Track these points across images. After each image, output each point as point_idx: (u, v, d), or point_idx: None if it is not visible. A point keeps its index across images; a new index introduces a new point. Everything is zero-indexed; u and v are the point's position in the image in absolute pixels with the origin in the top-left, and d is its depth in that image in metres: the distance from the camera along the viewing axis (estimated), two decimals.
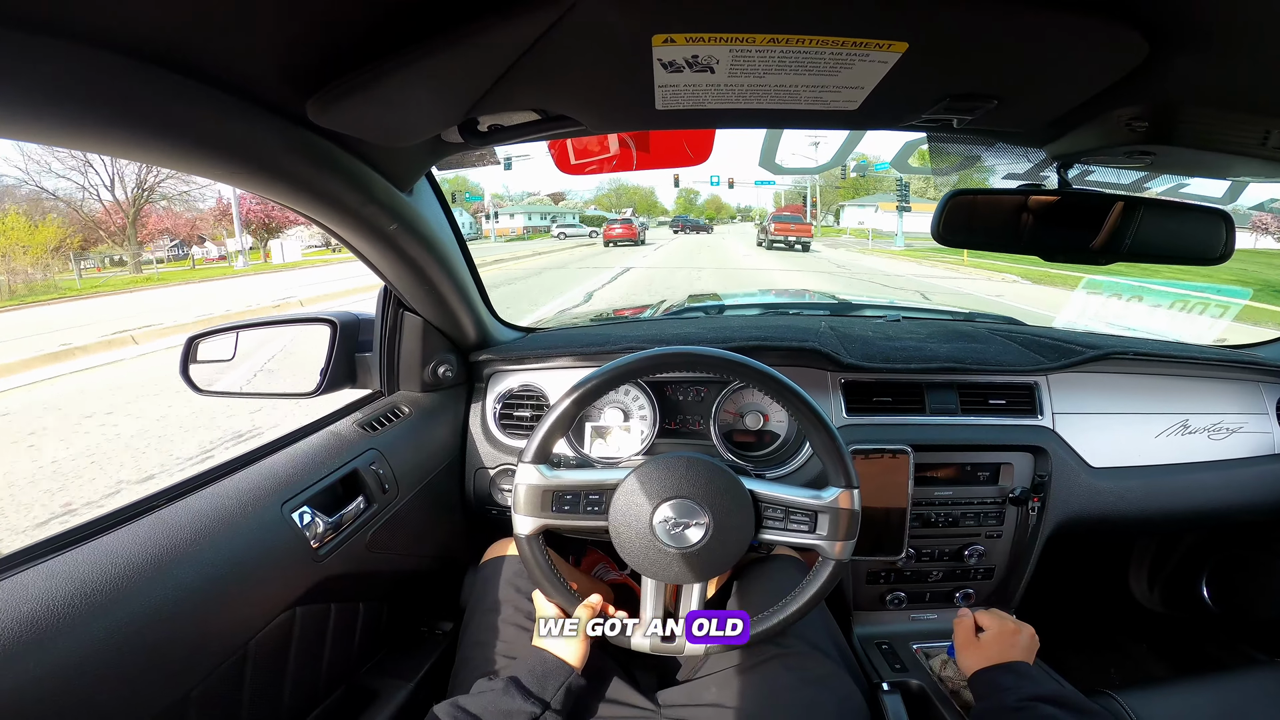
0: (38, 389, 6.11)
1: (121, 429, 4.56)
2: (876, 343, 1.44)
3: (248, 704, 0.87)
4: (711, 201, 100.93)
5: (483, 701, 0.81)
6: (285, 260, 27.33)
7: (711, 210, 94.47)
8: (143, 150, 0.57)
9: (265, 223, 31.01)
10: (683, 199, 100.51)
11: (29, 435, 4.55)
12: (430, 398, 1.37)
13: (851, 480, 0.92)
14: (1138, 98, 0.70)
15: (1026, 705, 0.85)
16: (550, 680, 0.85)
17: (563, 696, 0.84)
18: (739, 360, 0.96)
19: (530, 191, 63.89)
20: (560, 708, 0.83)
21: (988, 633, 1.04)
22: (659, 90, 0.69)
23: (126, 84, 0.50)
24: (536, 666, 0.87)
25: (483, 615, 1.06)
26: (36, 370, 7.01)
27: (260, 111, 0.62)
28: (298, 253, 29.14)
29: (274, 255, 28.49)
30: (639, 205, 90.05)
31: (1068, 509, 1.35)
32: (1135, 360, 1.43)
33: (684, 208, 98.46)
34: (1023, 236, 1.03)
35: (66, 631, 0.62)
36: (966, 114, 0.75)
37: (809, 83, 0.67)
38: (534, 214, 55.77)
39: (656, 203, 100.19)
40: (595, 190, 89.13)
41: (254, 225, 31.17)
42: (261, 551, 0.88)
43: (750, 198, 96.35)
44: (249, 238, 30.46)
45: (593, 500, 0.93)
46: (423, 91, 0.65)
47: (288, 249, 28.70)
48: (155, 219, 29.15)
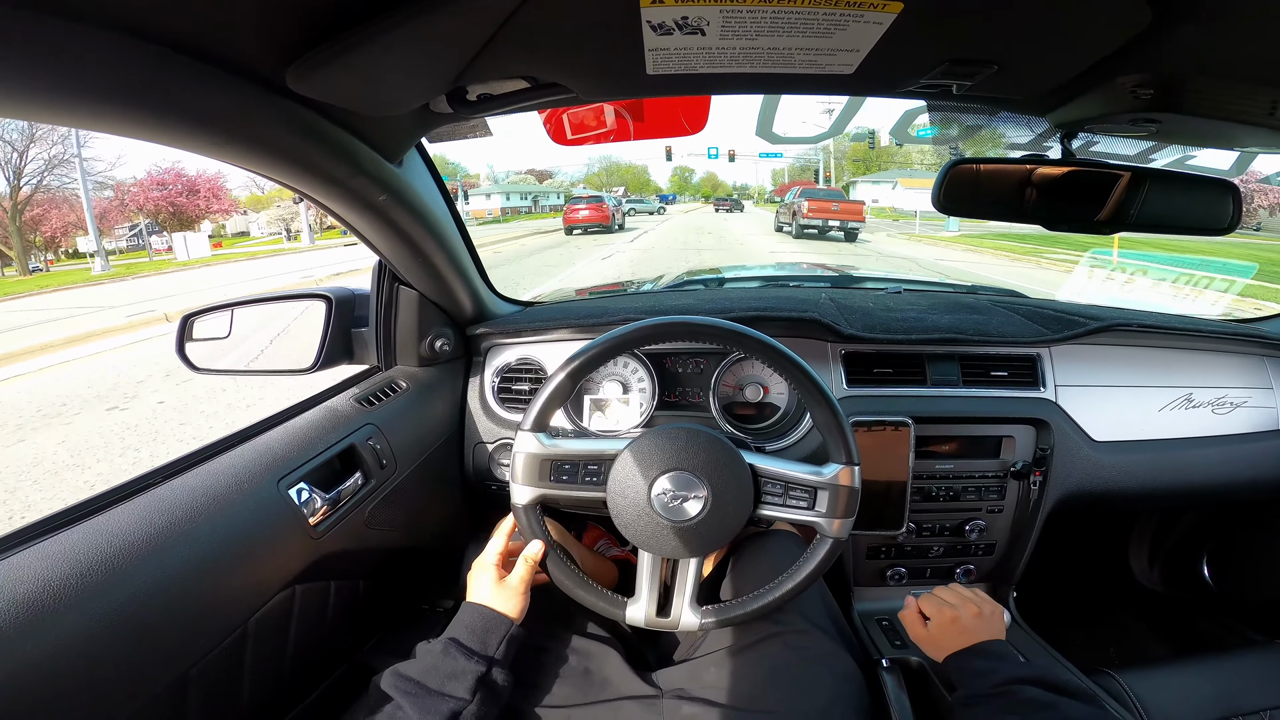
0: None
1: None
2: (877, 314, 1.43)
3: (248, 682, 0.88)
4: (708, 179, 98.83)
5: (424, 665, 0.81)
6: (190, 257, 23.14)
7: (708, 188, 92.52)
8: (118, 123, 0.56)
9: (174, 212, 27.97)
10: (677, 177, 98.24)
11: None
12: (428, 372, 1.36)
13: (852, 456, 0.91)
14: (1142, 65, 0.68)
15: (1006, 689, 0.82)
16: (491, 635, 0.84)
17: (505, 648, 0.84)
18: (738, 330, 0.94)
19: (515, 171, 60.89)
20: (503, 659, 0.83)
21: (937, 620, 1.01)
22: (649, 54, 0.67)
23: (97, 54, 0.48)
24: (476, 622, 0.85)
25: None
26: None
27: (239, 81, 0.60)
28: (205, 248, 24.72)
29: (177, 251, 23.99)
30: (630, 184, 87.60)
31: (1069, 483, 1.35)
32: (1139, 333, 1.42)
33: (678, 186, 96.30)
34: (1027, 206, 1.01)
35: (63, 612, 0.62)
36: (966, 79, 0.73)
37: (803, 45, 0.65)
38: (513, 194, 52.47)
39: (650, 181, 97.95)
40: (585, 169, 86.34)
41: (162, 215, 28.13)
42: (258, 529, 0.87)
43: (748, 175, 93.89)
44: (140, 230, 26.66)
45: (591, 470, 0.92)
46: (406, 58, 0.63)
47: (193, 244, 24.20)
48: (58, 214, 26.00)
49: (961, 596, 1.04)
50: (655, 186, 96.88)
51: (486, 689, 0.79)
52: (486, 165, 60.70)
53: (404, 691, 0.77)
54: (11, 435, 4.19)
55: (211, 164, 61.23)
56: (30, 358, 7.13)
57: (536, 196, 50.92)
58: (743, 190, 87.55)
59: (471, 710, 0.76)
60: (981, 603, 1.02)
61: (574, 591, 0.95)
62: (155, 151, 79.96)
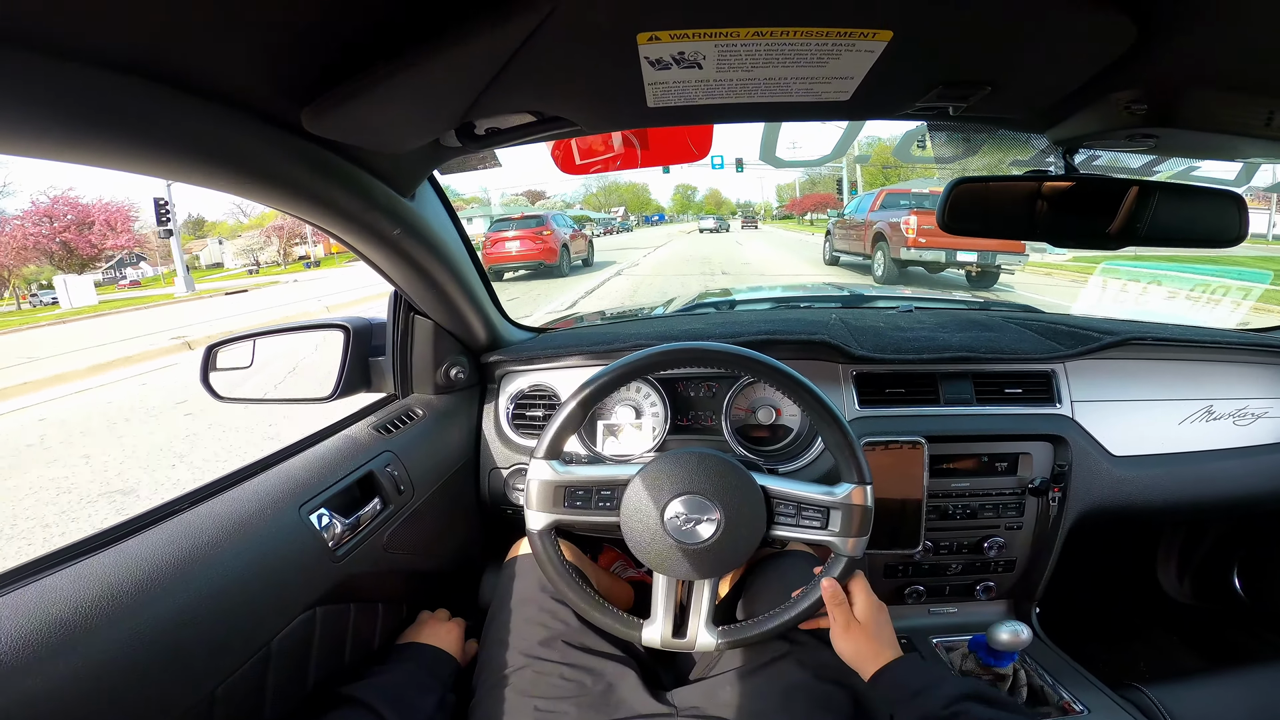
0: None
1: None
2: (888, 333, 1.43)
3: (270, 703, 0.89)
4: (711, 196, 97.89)
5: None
6: (73, 305, 20.25)
7: (711, 206, 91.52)
8: (141, 163, 0.59)
9: (67, 252, 23.07)
10: (679, 195, 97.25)
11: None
12: (444, 400, 1.39)
13: (864, 476, 0.92)
14: (1134, 80, 0.69)
15: (957, 710, 0.76)
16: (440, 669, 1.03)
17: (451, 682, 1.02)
18: (745, 354, 0.96)
19: (510, 192, 58.77)
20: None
21: (860, 608, 0.93)
22: (649, 88, 0.70)
23: (120, 99, 0.51)
24: (426, 661, 1.04)
25: (505, 614, 1.07)
26: None
27: (256, 122, 0.63)
28: (90, 294, 21.70)
29: (60, 298, 21.35)
30: (630, 203, 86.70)
31: (1090, 499, 1.33)
32: (1155, 345, 1.41)
33: (681, 205, 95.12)
34: (1035, 223, 1.02)
35: (94, 633, 0.64)
36: (960, 101, 0.74)
37: (799, 75, 0.67)
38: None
39: (650, 200, 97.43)
40: (583, 188, 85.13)
41: (56, 256, 23.32)
42: (280, 553, 0.89)
43: (751, 191, 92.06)
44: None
45: (604, 495, 0.94)
46: (416, 97, 0.66)
47: (75, 289, 21.18)
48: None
49: (857, 588, 0.96)
50: (656, 205, 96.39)
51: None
52: (480, 188, 60.06)
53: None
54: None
55: (116, 188, 56.78)
56: None
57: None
58: (745, 207, 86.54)
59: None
60: (872, 598, 0.95)
61: (590, 614, 0.96)
62: (49, 174, 73.18)
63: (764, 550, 1.17)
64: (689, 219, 78.43)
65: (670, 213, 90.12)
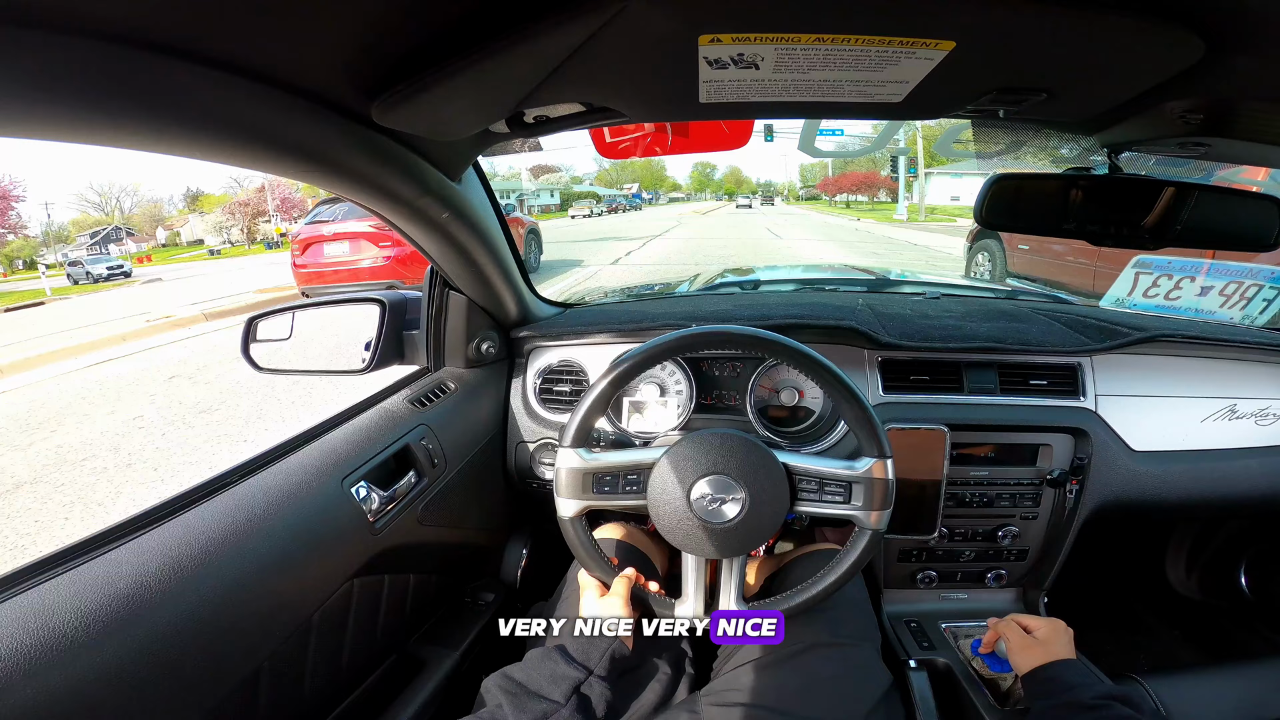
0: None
1: None
2: (915, 321, 1.44)
3: (310, 673, 0.93)
4: (731, 175, 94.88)
5: (529, 670, 0.85)
6: None
7: (731, 185, 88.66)
8: (221, 153, 0.61)
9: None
10: (697, 173, 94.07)
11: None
12: (474, 374, 1.42)
13: (884, 450, 0.93)
14: (1191, 91, 0.68)
15: (1103, 703, 0.85)
16: (594, 648, 0.88)
17: (607, 663, 0.87)
18: (770, 338, 0.97)
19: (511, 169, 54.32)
20: (605, 674, 0.86)
21: (1041, 631, 1.04)
22: (703, 85, 0.70)
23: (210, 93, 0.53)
24: (582, 633, 0.90)
25: (572, 597, 1.09)
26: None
27: (330, 114, 0.65)
28: None
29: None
30: (644, 180, 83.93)
31: (1107, 492, 1.35)
32: (1183, 343, 1.40)
33: (699, 183, 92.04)
34: (1070, 220, 1.02)
35: (158, 606, 0.68)
36: (1014, 106, 0.74)
37: (853, 78, 0.67)
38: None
39: (666, 177, 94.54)
40: (596, 165, 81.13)
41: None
42: (325, 525, 0.93)
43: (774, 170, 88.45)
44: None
45: (631, 480, 0.96)
46: (479, 89, 0.67)
47: None
48: None
49: (1050, 620, 1.07)
50: (672, 182, 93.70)
51: (581, 699, 0.83)
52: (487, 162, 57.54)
53: (506, 691, 0.82)
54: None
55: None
56: None
57: (523, 196, 45.79)
58: (766, 187, 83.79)
59: (563, 714, 0.79)
60: (1066, 628, 1.05)
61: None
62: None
63: (793, 551, 1.20)
64: (706, 198, 75.34)
65: (688, 190, 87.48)
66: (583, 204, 43.59)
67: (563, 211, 47.22)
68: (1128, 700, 0.86)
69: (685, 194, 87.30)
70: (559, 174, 67.15)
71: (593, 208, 42.34)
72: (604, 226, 26.23)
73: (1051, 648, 1.00)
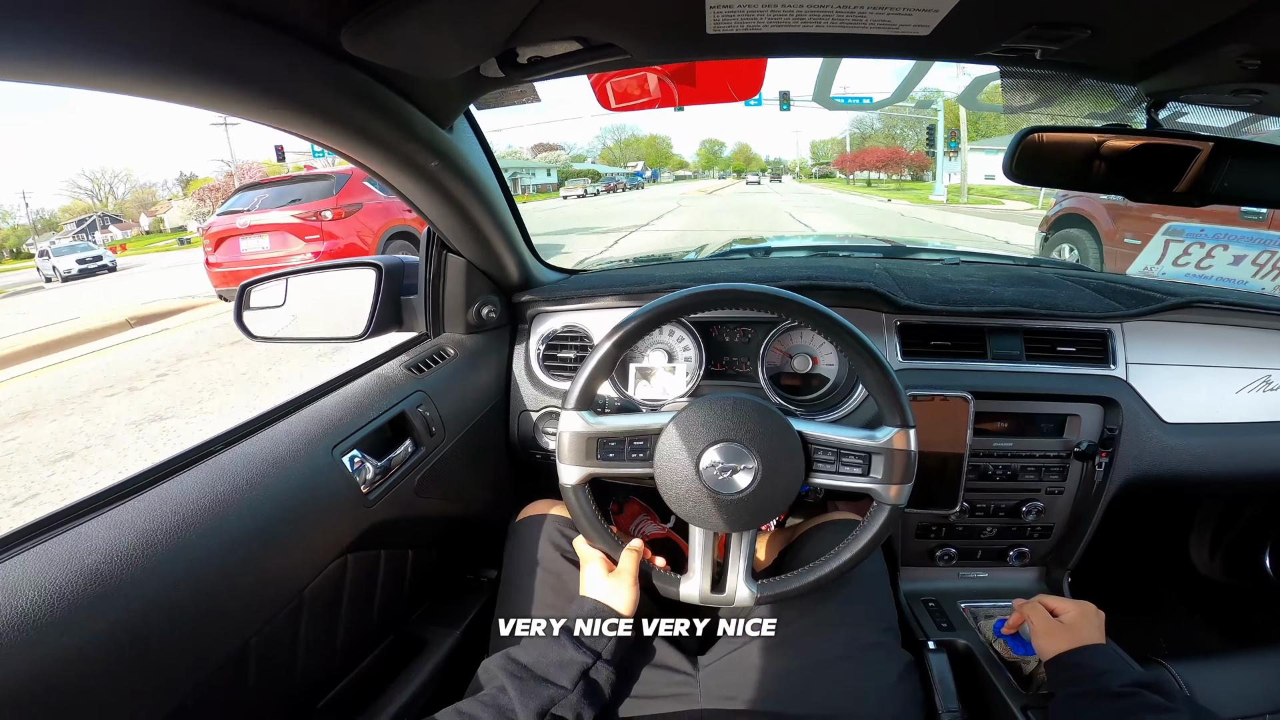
0: None
1: None
2: (935, 284, 1.37)
3: (303, 652, 0.90)
4: (740, 152, 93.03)
5: (534, 653, 0.82)
6: None
7: (740, 162, 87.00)
8: (175, 89, 0.55)
9: None
10: (705, 150, 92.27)
11: None
12: (475, 339, 1.37)
13: (908, 419, 0.87)
14: (1254, 34, 0.61)
15: (1132, 691, 0.82)
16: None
17: (614, 646, 0.83)
18: (784, 295, 0.90)
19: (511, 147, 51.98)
20: (611, 658, 0.83)
21: (1069, 615, 0.99)
22: (710, 11, 0.64)
23: (155, 19, 0.48)
24: (588, 615, 0.86)
25: (519, 577, 1.05)
26: None
27: (294, 43, 0.59)
28: None
29: None
30: (649, 158, 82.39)
31: (1137, 466, 1.28)
32: (1220, 310, 1.33)
33: (706, 160, 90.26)
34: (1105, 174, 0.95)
35: (131, 583, 0.63)
36: (1053, 44, 0.67)
37: (876, 3, 0.61)
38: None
39: (672, 154, 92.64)
40: (599, 143, 79.63)
41: None
42: (313, 497, 0.88)
43: (785, 147, 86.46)
44: None
45: (637, 446, 0.91)
46: (460, 17, 0.61)
47: None
48: None
49: (1063, 601, 1.03)
50: (679, 160, 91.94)
51: (589, 683, 0.80)
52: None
53: (511, 674, 0.78)
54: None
55: None
56: None
57: (517, 175, 43.51)
58: (775, 164, 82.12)
59: (570, 701, 0.77)
60: (1098, 611, 1.01)
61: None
62: None
63: (804, 499, 1.14)
64: (713, 176, 73.67)
65: (695, 168, 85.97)
66: (576, 183, 41.14)
67: (557, 192, 45.38)
68: (1158, 688, 0.82)
69: (692, 171, 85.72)
70: (559, 152, 65.99)
71: (586, 187, 40.03)
72: (586, 211, 23.81)
73: (1079, 632, 0.95)
